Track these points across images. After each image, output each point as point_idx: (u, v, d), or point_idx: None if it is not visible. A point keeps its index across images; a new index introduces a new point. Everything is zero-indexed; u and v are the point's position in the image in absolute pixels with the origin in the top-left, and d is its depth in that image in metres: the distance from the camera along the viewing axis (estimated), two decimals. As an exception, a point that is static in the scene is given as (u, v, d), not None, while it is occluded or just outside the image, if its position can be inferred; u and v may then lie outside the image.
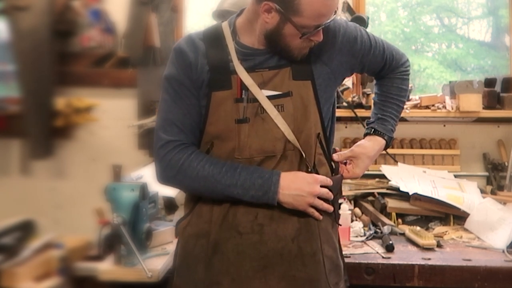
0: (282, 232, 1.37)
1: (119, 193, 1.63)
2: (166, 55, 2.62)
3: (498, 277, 1.71)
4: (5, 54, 2.55)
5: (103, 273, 1.60)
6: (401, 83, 1.60)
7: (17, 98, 2.56)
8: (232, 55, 1.39)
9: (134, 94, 2.64)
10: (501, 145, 2.58)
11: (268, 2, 1.30)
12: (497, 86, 2.57)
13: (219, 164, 1.36)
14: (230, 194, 1.35)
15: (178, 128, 1.39)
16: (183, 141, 1.39)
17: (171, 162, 1.37)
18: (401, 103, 1.61)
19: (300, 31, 1.32)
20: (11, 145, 2.65)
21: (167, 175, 1.40)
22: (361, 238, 2.02)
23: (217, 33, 1.43)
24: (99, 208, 1.88)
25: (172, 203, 2.34)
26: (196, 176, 1.35)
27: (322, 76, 1.42)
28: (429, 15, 4.30)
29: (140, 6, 2.61)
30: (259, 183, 1.34)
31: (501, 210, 2.09)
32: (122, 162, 2.20)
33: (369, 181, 2.42)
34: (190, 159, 1.36)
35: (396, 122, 1.60)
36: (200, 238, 1.40)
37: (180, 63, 1.40)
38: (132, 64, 2.62)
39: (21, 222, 1.42)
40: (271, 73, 1.39)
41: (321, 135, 1.42)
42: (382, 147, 1.56)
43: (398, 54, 1.59)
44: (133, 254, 1.56)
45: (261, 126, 1.37)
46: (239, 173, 1.34)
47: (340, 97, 2.45)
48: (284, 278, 1.35)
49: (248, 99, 1.36)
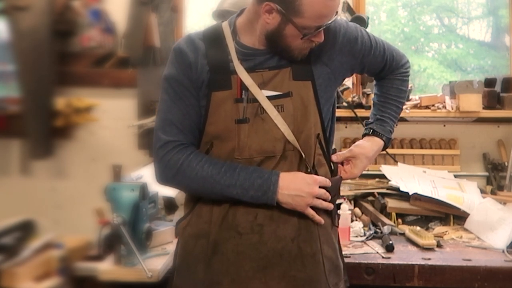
0: (282, 233, 1.37)
1: (119, 193, 1.63)
2: (166, 55, 2.60)
3: (498, 277, 1.71)
4: (5, 54, 2.55)
5: (103, 273, 1.60)
6: (401, 84, 1.60)
7: (17, 98, 2.56)
8: (232, 55, 1.39)
9: (134, 94, 2.64)
10: (501, 145, 2.58)
11: (269, 3, 1.30)
12: (497, 86, 2.57)
13: (218, 164, 1.35)
14: (229, 194, 1.35)
15: (177, 129, 1.39)
16: (182, 142, 1.39)
17: (170, 162, 1.37)
18: (400, 104, 1.62)
19: (301, 32, 1.32)
20: (11, 145, 2.65)
21: (166, 175, 1.40)
22: (361, 238, 2.02)
23: (217, 33, 1.43)
24: (99, 208, 1.88)
25: (172, 203, 2.34)
26: (195, 176, 1.35)
27: (322, 76, 1.42)
28: (429, 15, 4.30)
29: (140, 6, 2.60)
30: (258, 183, 1.34)
31: (501, 210, 2.09)
32: (122, 162, 2.20)
33: (369, 181, 2.42)
34: (189, 159, 1.36)
35: (395, 124, 1.60)
36: (200, 238, 1.40)
37: (180, 63, 1.40)
38: (132, 64, 2.62)
39: (21, 222, 1.42)
40: (271, 73, 1.39)
41: (320, 136, 1.42)
42: (380, 148, 1.56)
43: (399, 55, 1.59)
44: (133, 254, 1.56)
45: (261, 126, 1.37)
46: (238, 173, 1.34)
47: (340, 97, 2.45)
48: (283, 278, 1.35)
49: (248, 99, 1.36)
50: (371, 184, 2.40)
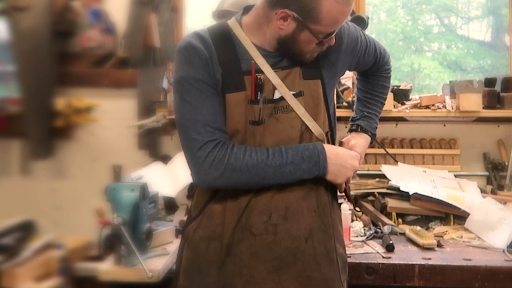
0: (295, 232, 1.36)
1: (119, 193, 1.62)
2: (166, 55, 2.63)
3: (498, 277, 1.71)
4: (5, 54, 2.55)
5: (103, 273, 1.60)
6: (385, 81, 1.69)
7: (17, 98, 2.56)
8: (253, 54, 1.37)
9: (134, 94, 2.64)
10: (501, 144, 2.58)
11: (285, 10, 1.29)
12: (497, 86, 2.57)
13: (263, 150, 1.34)
14: (282, 174, 1.33)
15: (211, 128, 1.33)
16: (219, 139, 1.34)
17: (216, 161, 1.31)
18: (384, 101, 1.71)
19: (318, 38, 1.33)
20: (11, 145, 2.65)
21: (212, 175, 1.33)
22: (361, 238, 2.02)
23: (225, 31, 1.40)
24: (99, 209, 1.88)
25: (172, 203, 2.34)
26: (245, 167, 1.32)
27: (329, 75, 1.45)
28: (428, 14, 4.30)
29: (140, 6, 2.61)
30: (307, 155, 1.34)
31: (501, 209, 2.09)
32: (122, 162, 2.21)
33: (369, 181, 2.42)
34: (234, 153, 1.32)
35: (378, 120, 1.68)
36: (213, 240, 1.38)
37: (197, 61, 1.34)
38: (132, 64, 2.62)
39: (21, 223, 1.42)
40: (283, 73, 1.39)
41: (329, 134, 1.45)
42: (368, 144, 1.62)
43: (384, 52, 1.65)
44: (134, 254, 1.56)
45: (275, 127, 1.37)
46: (285, 152, 1.34)
47: (340, 97, 2.45)
48: (298, 278, 1.35)
49: (264, 100, 1.35)
50: (371, 184, 2.40)
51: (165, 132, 2.61)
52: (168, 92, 2.58)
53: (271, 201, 1.36)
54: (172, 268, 1.64)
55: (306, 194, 1.39)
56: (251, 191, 1.36)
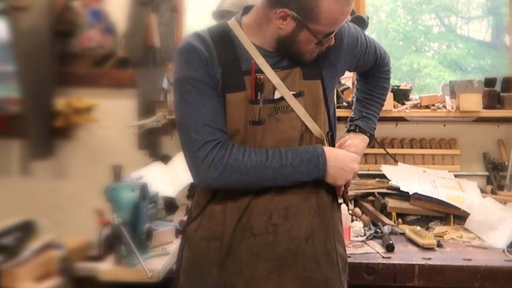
0: (296, 232, 1.36)
1: (119, 193, 1.62)
2: (166, 55, 2.63)
3: (498, 277, 1.71)
4: (5, 54, 2.55)
5: (103, 273, 1.60)
6: (385, 82, 1.69)
7: (17, 98, 2.56)
8: (253, 54, 1.37)
9: (134, 94, 2.64)
10: (501, 144, 2.58)
11: (285, 10, 1.29)
12: (497, 86, 2.57)
13: (263, 151, 1.33)
14: (281, 176, 1.33)
15: (211, 128, 1.33)
16: (219, 139, 1.34)
17: (215, 161, 1.31)
18: (383, 102, 1.71)
19: (317, 37, 1.33)
20: (11, 145, 2.65)
21: (211, 175, 1.33)
22: (361, 238, 2.02)
23: (225, 31, 1.40)
24: (99, 209, 1.88)
25: (172, 203, 2.34)
26: (245, 167, 1.32)
27: (329, 75, 1.45)
28: (428, 14, 4.30)
29: (140, 6, 2.61)
30: (307, 157, 1.34)
31: (501, 209, 2.09)
32: (122, 162, 2.21)
33: (369, 181, 2.42)
34: (233, 154, 1.32)
35: (377, 120, 1.67)
36: (213, 241, 1.38)
37: (197, 61, 1.34)
38: (132, 64, 2.62)
39: (21, 223, 1.42)
40: (283, 73, 1.39)
41: (329, 134, 1.45)
42: (366, 145, 1.62)
43: (384, 53, 1.65)
44: (134, 254, 1.56)
45: (275, 127, 1.37)
46: (285, 154, 1.33)
47: (340, 97, 2.45)
48: (298, 278, 1.35)
49: (264, 101, 1.35)
50: (371, 184, 2.40)
51: (165, 132, 2.61)
52: (168, 92, 2.58)
53: (271, 201, 1.37)
54: (172, 268, 1.64)
55: (306, 195, 1.39)
56: (251, 191, 1.36)
